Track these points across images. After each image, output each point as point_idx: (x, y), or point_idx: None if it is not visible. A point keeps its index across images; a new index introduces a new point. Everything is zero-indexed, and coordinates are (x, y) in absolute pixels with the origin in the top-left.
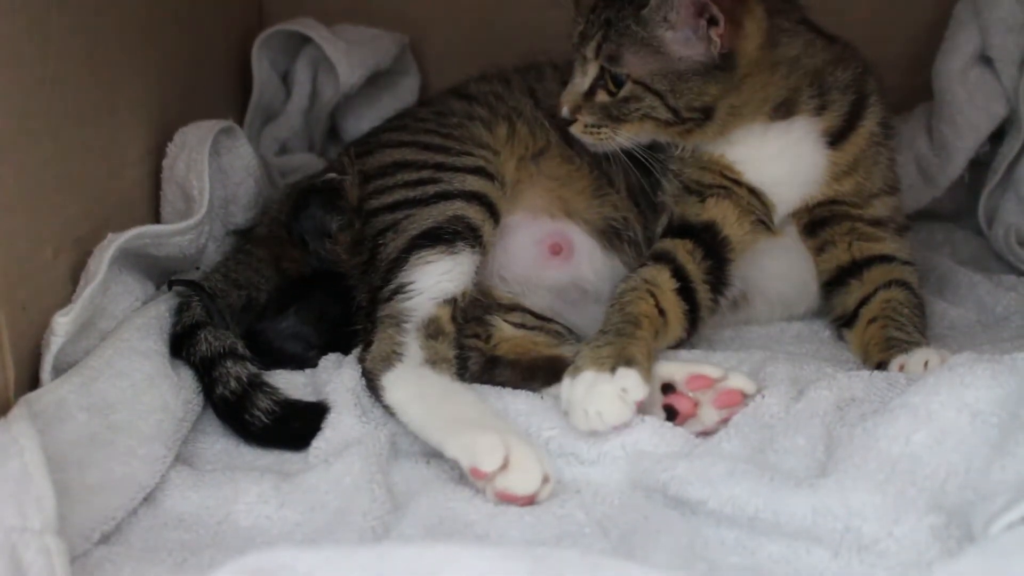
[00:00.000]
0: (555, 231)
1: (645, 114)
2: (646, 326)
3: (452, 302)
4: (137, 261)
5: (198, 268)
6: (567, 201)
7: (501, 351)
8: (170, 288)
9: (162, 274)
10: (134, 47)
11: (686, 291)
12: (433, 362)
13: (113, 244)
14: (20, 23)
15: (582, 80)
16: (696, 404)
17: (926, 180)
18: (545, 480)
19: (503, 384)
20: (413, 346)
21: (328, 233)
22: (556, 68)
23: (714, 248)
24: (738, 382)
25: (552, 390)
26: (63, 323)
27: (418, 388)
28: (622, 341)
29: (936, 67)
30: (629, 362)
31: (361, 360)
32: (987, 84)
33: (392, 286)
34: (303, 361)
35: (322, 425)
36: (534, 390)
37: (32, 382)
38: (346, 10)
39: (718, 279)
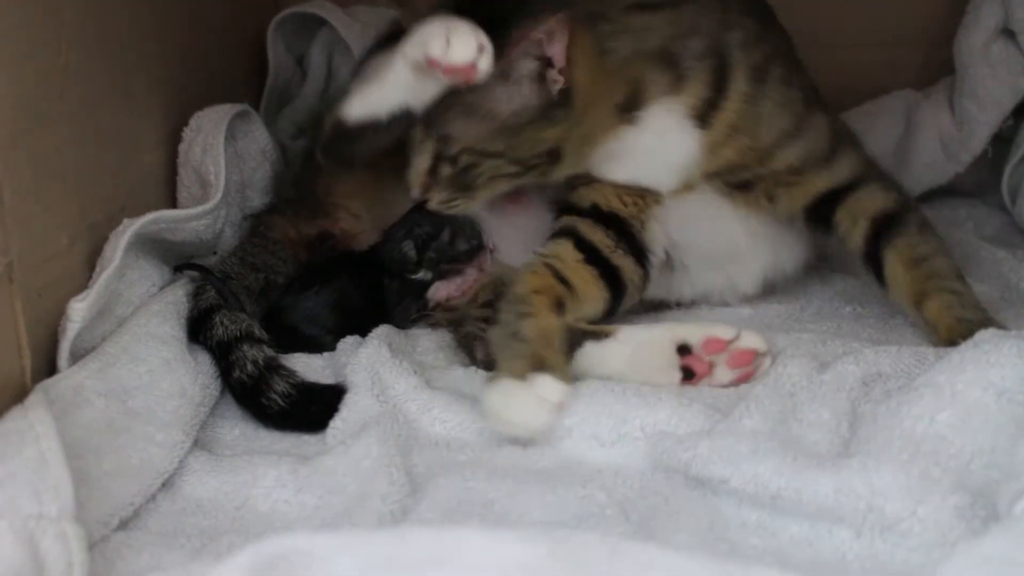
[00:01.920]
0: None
1: (492, 176)
2: (536, 303)
3: None
4: (154, 246)
5: (215, 253)
6: None
7: None
8: (180, 273)
9: (179, 260)
10: (148, 32)
11: (598, 261)
12: None
13: (129, 229)
14: (33, 10)
15: (423, 158)
16: (711, 365)
17: (948, 156)
18: (480, 49)
19: None
20: None
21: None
22: None
23: (613, 220)
24: (750, 341)
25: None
26: (79, 309)
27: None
28: (525, 346)
29: (958, 41)
30: (542, 366)
31: None
32: (1010, 58)
33: None
34: (320, 344)
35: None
36: None
37: (49, 369)
38: None
39: (633, 246)
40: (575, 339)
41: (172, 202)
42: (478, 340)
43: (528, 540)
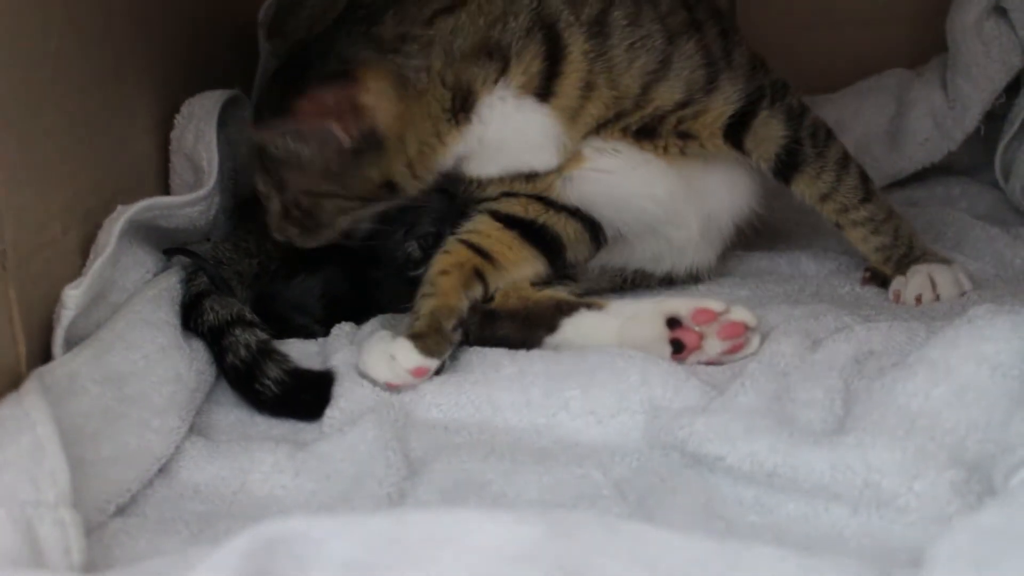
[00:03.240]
0: None
1: (339, 211)
2: (440, 283)
3: None
4: (148, 233)
5: (209, 240)
6: None
7: (497, 303)
8: (169, 257)
9: (173, 246)
10: (139, 17)
11: (520, 223)
12: None
13: (123, 216)
14: None
15: (272, 205)
16: (701, 337)
17: (942, 134)
18: None
19: (505, 338)
20: None
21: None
22: None
23: (530, 198)
24: (740, 315)
25: (555, 338)
26: (74, 296)
27: None
28: (416, 320)
29: (950, 19)
30: (418, 336)
31: None
32: (1003, 35)
33: None
34: (310, 333)
35: (332, 394)
36: (540, 339)
37: (44, 356)
38: None
39: (564, 208)
40: (566, 308)
41: (165, 189)
42: (469, 316)
43: (525, 521)
